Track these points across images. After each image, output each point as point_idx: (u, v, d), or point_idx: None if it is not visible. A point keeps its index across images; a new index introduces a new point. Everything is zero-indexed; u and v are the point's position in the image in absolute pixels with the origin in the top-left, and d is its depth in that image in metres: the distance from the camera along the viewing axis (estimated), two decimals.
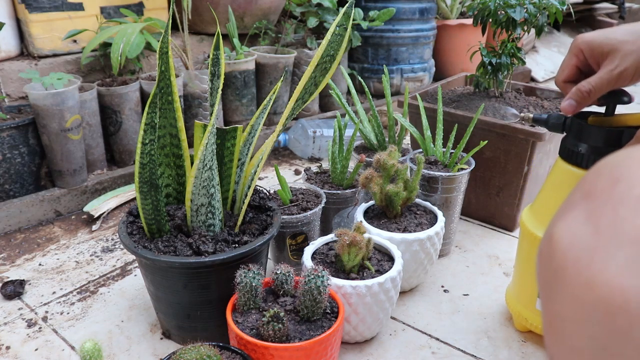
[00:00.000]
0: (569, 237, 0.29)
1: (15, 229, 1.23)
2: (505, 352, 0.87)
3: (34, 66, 1.40)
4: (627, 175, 0.29)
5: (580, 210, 0.30)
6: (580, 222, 0.29)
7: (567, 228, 0.30)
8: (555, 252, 0.30)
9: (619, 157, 0.31)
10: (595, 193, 0.30)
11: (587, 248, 0.28)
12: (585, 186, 0.32)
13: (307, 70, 0.79)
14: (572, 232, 0.29)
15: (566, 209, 0.32)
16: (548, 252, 0.31)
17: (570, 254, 0.29)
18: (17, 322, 0.93)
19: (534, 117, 0.87)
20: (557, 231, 0.31)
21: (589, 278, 0.27)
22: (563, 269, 0.29)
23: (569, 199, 0.33)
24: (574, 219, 0.30)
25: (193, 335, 0.82)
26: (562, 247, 0.29)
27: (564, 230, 0.30)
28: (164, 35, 0.76)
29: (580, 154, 0.75)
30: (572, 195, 0.33)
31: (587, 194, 0.31)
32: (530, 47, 3.00)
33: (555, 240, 0.30)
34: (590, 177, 0.32)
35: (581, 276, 0.27)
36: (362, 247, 0.82)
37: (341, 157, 1.09)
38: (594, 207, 0.29)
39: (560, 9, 1.15)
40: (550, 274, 0.30)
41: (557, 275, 0.29)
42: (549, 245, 0.31)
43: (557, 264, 0.29)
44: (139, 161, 0.75)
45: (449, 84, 1.48)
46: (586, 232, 0.28)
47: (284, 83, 1.78)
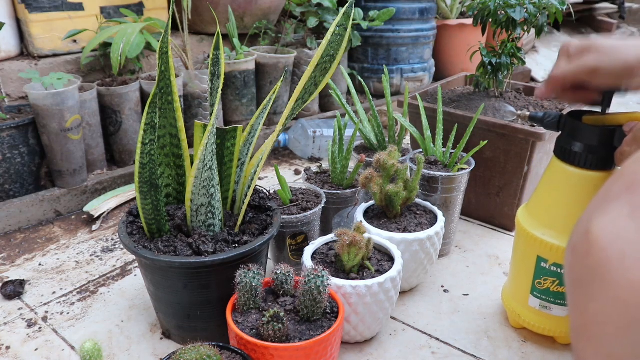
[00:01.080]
0: (611, 232, 0.27)
1: (15, 229, 1.23)
2: (505, 352, 0.87)
3: (34, 66, 1.40)
4: None
5: (624, 203, 0.27)
6: (624, 217, 0.27)
7: (609, 223, 0.27)
8: (595, 249, 0.27)
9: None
10: (639, 185, 0.27)
11: (634, 245, 0.25)
12: (627, 177, 0.29)
13: (307, 70, 0.79)
14: (615, 228, 0.27)
15: (606, 201, 0.29)
16: (585, 248, 0.28)
17: (613, 251, 0.26)
18: (17, 322, 0.93)
19: (531, 115, 0.87)
20: (597, 226, 0.28)
21: (636, 278, 0.24)
22: (604, 267, 0.26)
23: (606, 190, 0.29)
24: (616, 213, 0.27)
25: (193, 335, 0.82)
26: (604, 244, 0.27)
27: (606, 225, 0.27)
28: (164, 35, 0.76)
29: (574, 153, 0.75)
30: (610, 186, 0.29)
31: (630, 185, 0.28)
32: (530, 47, 3.00)
33: (595, 235, 0.27)
34: (632, 168, 0.29)
35: (627, 276, 0.25)
36: (362, 247, 0.82)
37: (341, 157, 1.09)
38: (639, 202, 0.27)
39: (560, 9, 1.15)
40: (586, 272, 0.28)
41: (596, 273, 0.27)
42: (585, 241, 0.28)
43: (596, 261, 0.27)
44: (139, 161, 0.75)
45: (449, 84, 1.48)
46: (632, 229, 0.26)
47: (284, 83, 1.78)
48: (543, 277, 0.81)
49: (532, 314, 0.86)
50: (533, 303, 0.85)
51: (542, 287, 0.82)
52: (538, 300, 0.84)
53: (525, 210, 0.85)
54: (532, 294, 0.84)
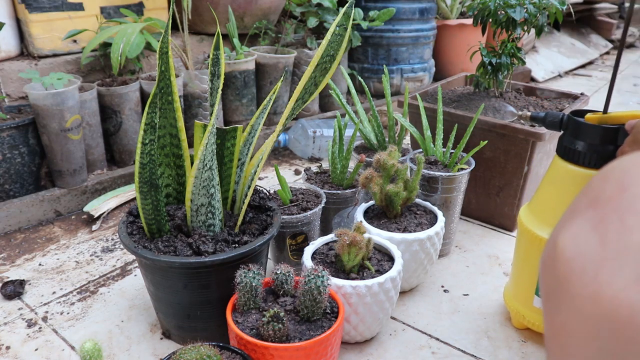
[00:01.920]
0: (574, 246, 0.28)
1: (15, 229, 1.23)
2: (505, 352, 0.87)
3: (34, 66, 1.40)
4: (636, 183, 0.28)
5: (587, 218, 0.29)
6: (586, 231, 0.28)
7: (573, 237, 0.29)
8: (560, 262, 0.29)
9: (627, 162, 0.30)
10: (602, 200, 0.29)
11: (594, 259, 0.27)
12: (592, 192, 0.30)
13: (307, 70, 0.79)
14: (577, 242, 0.28)
15: (571, 216, 0.30)
16: (552, 261, 0.30)
17: (575, 265, 0.27)
18: (17, 322, 0.93)
19: (532, 116, 0.87)
20: (562, 239, 0.29)
21: (596, 291, 0.26)
22: (568, 280, 0.28)
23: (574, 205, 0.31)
24: (579, 228, 0.29)
25: (193, 335, 0.82)
26: (567, 257, 0.28)
27: (569, 239, 0.29)
28: (164, 35, 0.76)
29: (577, 152, 0.75)
30: (577, 201, 0.31)
31: (594, 200, 0.29)
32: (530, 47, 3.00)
33: (560, 249, 0.29)
34: (597, 182, 0.30)
35: (587, 289, 0.26)
36: (362, 247, 0.82)
37: (341, 157, 1.09)
38: (600, 216, 0.28)
39: (560, 9, 1.15)
40: (554, 284, 0.29)
41: (562, 285, 0.28)
42: (553, 254, 0.30)
43: (561, 273, 0.28)
44: (139, 161, 0.75)
45: (449, 84, 1.48)
46: (593, 243, 0.27)
47: (284, 83, 1.78)
48: None
49: (538, 314, 0.85)
50: (538, 304, 0.84)
51: None
52: None
53: (527, 210, 0.85)
54: (538, 294, 0.84)
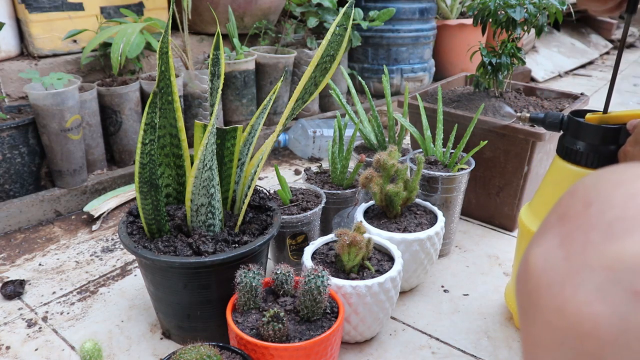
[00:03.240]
0: (543, 261, 0.29)
1: (15, 229, 1.23)
2: (505, 352, 0.87)
3: (34, 66, 1.40)
4: (599, 199, 0.29)
5: (555, 234, 0.30)
6: (554, 247, 0.29)
7: (542, 252, 0.30)
8: (530, 277, 0.30)
9: (593, 179, 0.31)
10: (568, 216, 0.30)
11: (560, 274, 0.28)
12: (561, 208, 0.31)
13: (307, 70, 0.79)
14: (545, 257, 0.29)
15: (542, 232, 0.32)
16: (523, 277, 0.31)
17: (543, 279, 0.29)
18: (17, 322, 0.93)
19: (531, 117, 0.87)
20: (533, 255, 0.30)
21: (561, 304, 0.27)
22: (537, 294, 0.29)
23: (545, 220, 0.33)
24: (548, 244, 0.30)
25: (193, 335, 0.82)
26: (537, 272, 0.29)
27: (539, 255, 0.30)
28: (164, 35, 0.76)
29: (577, 152, 0.75)
30: (548, 216, 0.32)
31: (562, 217, 0.31)
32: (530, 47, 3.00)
33: (531, 264, 0.30)
34: (566, 198, 0.32)
35: (553, 302, 0.27)
36: (362, 247, 0.82)
37: (341, 157, 1.09)
38: (566, 232, 0.29)
39: (560, 9, 1.15)
40: (525, 298, 0.30)
41: (532, 299, 0.29)
42: (525, 269, 0.31)
43: (531, 288, 0.29)
44: (139, 161, 0.75)
45: (449, 84, 1.48)
46: (559, 258, 0.28)
47: (284, 83, 1.78)
48: None
49: None
50: None
51: None
52: None
53: (528, 210, 0.85)
54: None
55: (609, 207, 0.28)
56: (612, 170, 0.31)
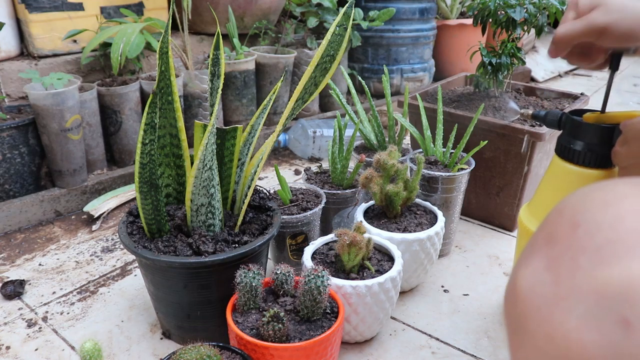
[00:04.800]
0: (530, 285, 0.29)
1: (15, 229, 1.23)
2: (505, 352, 0.87)
3: (34, 66, 1.40)
4: (587, 220, 0.28)
5: (542, 256, 0.29)
6: (541, 270, 0.29)
7: (529, 275, 0.29)
8: (518, 300, 0.29)
9: (580, 197, 0.31)
10: (556, 238, 0.30)
11: (548, 298, 0.27)
12: (547, 228, 0.31)
13: (307, 70, 0.79)
14: (533, 280, 0.29)
15: (530, 252, 0.31)
16: (512, 299, 0.30)
17: (531, 303, 0.28)
18: (17, 322, 0.93)
19: (533, 114, 0.87)
20: (520, 277, 0.30)
21: (550, 330, 0.27)
22: (525, 318, 0.29)
23: (532, 240, 0.32)
24: (535, 265, 0.29)
25: (193, 335, 0.82)
26: (524, 295, 0.29)
27: (526, 278, 0.29)
28: (164, 35, 0.76)
29: (575, 151, 0.75)
30: (535, 236, 0.32)
31: (549, 237, 0.30)
32: (530, 47, 3.00)
33: (518, 287, 0.30)
34: (552, 218, 0.31)
35: (542, 327, 0.27)
36: (362, 247, 0.82)
37: (341, 157, 1.09)
38: (554, 254, 0.29)
39: (560, 9, 1.15)
40: (514, 321, 0.30)
41: (520, 323, 0.29)
42: (512, 292, 0.31)
43: (520, 311, 0.29)
44: (139, 161, 0.75)
45: (449, 84, 1.48)
46: (547, 281, 0.28)
47: (284, 83, 1.78)
48: None
49: None
50: None
51: None
52: None
53: (527, 209, 0.85)
54: None
55: (597, 229, 0.27)
56: (598, 188, 0.30)
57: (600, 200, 0.29)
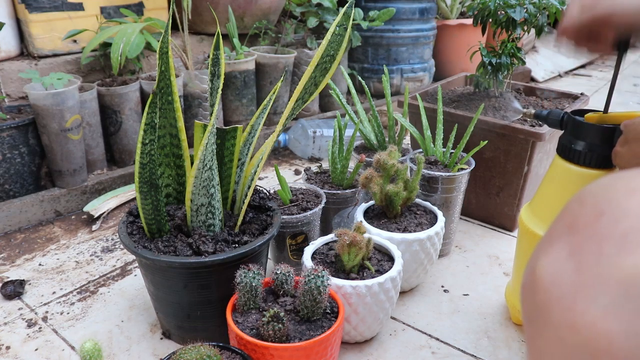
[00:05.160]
0: (551, 273, 0.28)
1: (15, 229, 1.23)
2: (505, 352, 0.87)
3: (34, 66, 1.40)
4: (611, 208, 0.28)
5: (564, 244, 0.29)
6: (563, 258, 0.28)
7: (550, 263, 0.29)
8: (538, 289, 0.29)
9: (603, 186, 0.30)
10: (578, 226, 0.29)
11: (571, 287, 0.27)
12: (568, 217, 0.30)
13: (307, 70, 0.79)
14: (555, 269, 0.28)
15: (549, 241, 0.30)
16: (531, 288, 0.30)
17: (553, 292, 0.28)
18: (17, 322, 0.93)
19: (536, 113, 0.87)
20: (540, 266, 0.29)
21: (573, 319, 0.26)
22: (547, 307, 0.28)
23: (551, 229, 0.31)
24: (557, 254, 0.29)
25: (193, 335, 0.82)
26: (545, 284, 0.28)
27: (547, 266, 0.29)
28: (164, 35, 0.76)
29: (576, 151, 0.75)
30: (554, 225, 0.31)
31: (570, 226, 0.29)
32: (530, 47, 3.00)
33: (538, 276, 0.29)
34: (573, 206, 0.30)
35: (565, 317, 0.26)
36: (362, 247, 0.82)
37: (341, 157, 1.09)
38: (577, 242, 0.28)
39: (560, 9, 1.15)
40: (533, 310, 0.29)
41: (541, 312, 0.28)
42: (531, 280, 0.30)
43: (540, 300, 0.28)
44: (139, 161, 0.75)
45: (449, 84, 1.48)
46: (569, 270, 0.27)
47: (284, 83, 1.78)
48: None
49: None
50: None
51: None
52: None
53: (528, 210, 0.85)
54: None
55: (623, 216, 0.27)
56: (621, 177, 0.30)
57: (625, 188, 0.28)
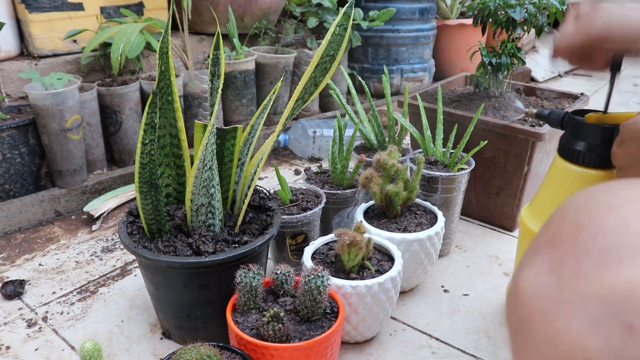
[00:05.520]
0: (533, 287, 0.28)
1: (15, 229, 1.23)
2: (505, 352, 0.87)
3: (34, 66, 1.40)
4: (591, 222, 0.28)
5: (545, 258, 0.29)
6: (544, 272, 0.28)
7: (532, 277, 0.29)
8: (521, 302, 0.29)
9: (584, 199, 0.30)
10: (559, 240, 0.29)
11: (551, 302, 0.27)
12: (550, 230, 0.30)
13: (307, 70, 0.79)
14: (536, 283, 0.28)
15: (532, 253, 0.31)
16: (514, 301, 0.30)
17: (534, 306, 0.28)
18: (17, 322, 0.93)
19: (537, 113, 0.87)
20: (522, 279, 0.29)
21: (553, 334, 0.26)
22: (529, 321, 0.28)
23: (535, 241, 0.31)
24: (538, 268, 0.29)
25: (193, 335, 0.82)
26: (527, 298, 0.28)
27: (529, 279, 0.29)
28: (164, 35, 0.76)
29: (576, 151, 0.75)
30: (538, 237, 0.31)
31: (552, 239, 0.29)
32: (530, 47, 3.00)
33: (521, 289, 0.29)
34: (556, 218, 0.31)
35: (545, 331, 0.27)
36: (362, 247, 0.82)
37: (341, 157, 1.09)
38: (558, 257, 0.28)
39: (560, 9, 1.15)
40: (516, 323, 0.29)
41: (523, 326, 0.28)
42: (514, 293, 0.30)
43: (523, 314, 0.29)
44: (139, 161, 0.75)
45: (449, 84, 1.48)
46: (550, 285, 0.27)
47: (284, 83, 1.78)
48: None
49: None
50: None
51: None
52: None
53: (529, 209, 0.85)
54: None
55: (602, 232, 0.27)
56: (603, 190, 0.30)
57: (605, 202, 0.29)
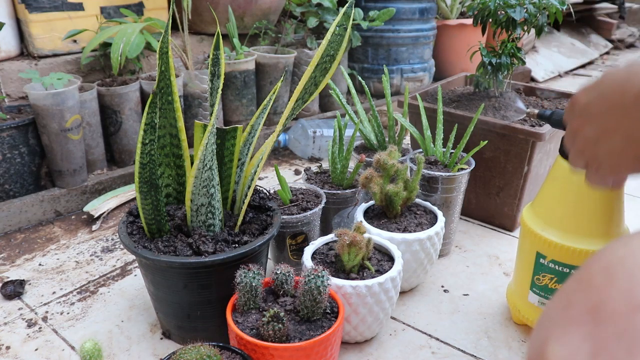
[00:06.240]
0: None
1: (15, 229, 1.23)
2: (505, 352, 0.87)
3: (34, 66, 1.40)
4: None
5: (585, 334, 0.23)
6: (584, 355, 0.22)
7: (566, 356, 0.23)
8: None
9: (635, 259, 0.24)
10: (604, 314, 0.23)
11: None
12: (593, 292, 0.24)
13: (307, 70, 0.79)
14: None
15: (565, 320, 0.25)
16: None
17: None
18: (17, 322, 0.93)
19: (539, 113, 0.87)
20: (552, 352, 0.24)
21: None
22: None
23: (567, 302, 0.25)
24: (576, 347, 0.23)
25: (193, 335, 0.82)
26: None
27: (561, 357, 0.23)
28: (164, 35, 0.76)
29: None
30: (572, 296, 0.25)
31: (594, 310, 0.23)
32: (530, 47, 3.00)
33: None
34: (598, 277, 0.24)
35: None
36: (362, 247, 0.82)
37: (341, 157, 1.09)
38: (602, 339, 0.22)
39: (560, 9, 1.15)
40: None
41: None
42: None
43: None
44: (139, 161, 0.75)
45: (449, 84, 1.48)
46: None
47: (284, 83, 1.78)
48: (542, 274, 0.82)
49: (531, 310, 0.86)
50: (532, 299, 0.85)
51: (540, 284, 0.83)
52: (537, 296, 0.84)
53: (530, 210, 0.86)
54: (532, 289, 0.85)
55: None
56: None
57: None
